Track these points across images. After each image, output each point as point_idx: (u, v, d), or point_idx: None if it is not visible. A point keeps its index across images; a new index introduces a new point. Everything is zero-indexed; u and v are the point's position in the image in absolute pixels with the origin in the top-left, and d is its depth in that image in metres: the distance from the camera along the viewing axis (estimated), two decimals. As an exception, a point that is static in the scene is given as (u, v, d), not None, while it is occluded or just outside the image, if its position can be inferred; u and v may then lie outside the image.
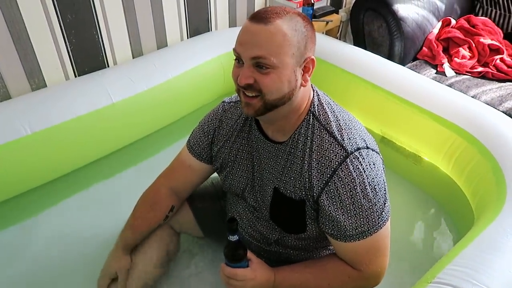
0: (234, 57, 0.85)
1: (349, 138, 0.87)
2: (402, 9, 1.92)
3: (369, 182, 0.86)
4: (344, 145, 0.86)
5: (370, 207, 0.87)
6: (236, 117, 1.02)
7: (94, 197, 1.53)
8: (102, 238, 1.35)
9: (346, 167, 0.85)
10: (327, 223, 0.90)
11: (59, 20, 1.52)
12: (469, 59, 1.92)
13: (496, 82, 1.84)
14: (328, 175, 0.86)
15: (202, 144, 1.06)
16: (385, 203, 0.89)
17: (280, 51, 0.79)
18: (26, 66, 1.51)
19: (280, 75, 0.81)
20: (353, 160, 0.85)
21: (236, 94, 0.92)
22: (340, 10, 2.57)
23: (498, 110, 1.58)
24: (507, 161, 1.30)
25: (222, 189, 1.22)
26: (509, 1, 2.16)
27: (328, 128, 0.88)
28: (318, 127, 0.89)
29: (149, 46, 1.84)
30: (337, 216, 0.87)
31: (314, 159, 0.88)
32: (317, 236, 0.99)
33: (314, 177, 0.88)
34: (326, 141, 0.88)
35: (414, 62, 2.01)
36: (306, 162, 0.89)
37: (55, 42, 1.55)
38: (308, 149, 0.89)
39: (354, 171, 0.85)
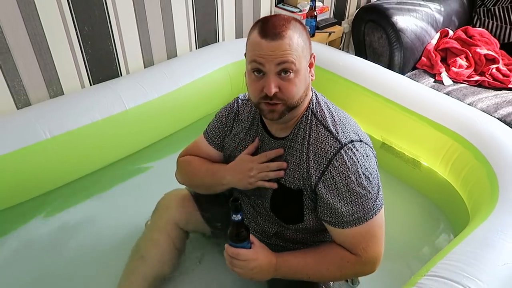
0: (251, 70, 0.91)
1: (343, 132, 0.95)
2: (402, 21, 2.01)
3: (363, 171, 0.93)
4: (338, 137, 0.94)
5: (365, 194, 0.93)
6: (248, 115, 1.10)
7: (108, 199, 1.60)
8: (116, 238, 1.42)
9: (341, 157, 0.93)
10: (325, 211, 0.96)
11: (76, 32, 1.62)
12: (466, 68, 2.00)
13: (492, 90, 1.91)
14: (324, 165, 0.94)
15: (220, 135, 1.15)
16: (378, 192, 0.96)
17: (298, 55, 0.89)
18: (46, 75, 1.61)
19: (300, 77, 0.91)
20: (347, 151, 0.93)
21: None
22: (342, 22, 2.66)
23: (494, 117, 1.65)
24: (501, 166, 1.37)
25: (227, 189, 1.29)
26: (506, 13, 2.24)
27: (324, 123, 0.97)
28: (316, 122, 0.98)
29: (160, 56, 1.93)
30: (334, 203, 0.93)
31: (311, 151, 0.96)
32: (315, 228, 1.05)
33: (312, 167, 0.95)
34: (322, 134, 0.96)
35: (413, 71, 2.09)
36: (304, 154, 0.97)
37: (73, 52, 1.64)
38: (306, 142, 0.97)
39: (348, 161, 0.92)
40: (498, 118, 1.67)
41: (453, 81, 1.98)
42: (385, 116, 1.75)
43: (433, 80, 2.01)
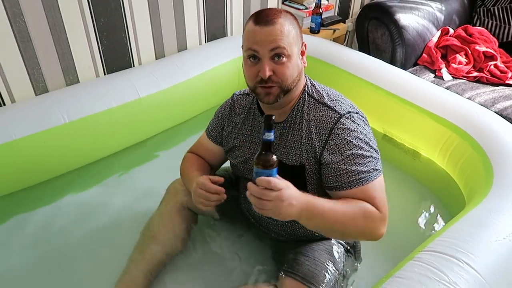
0: (247, 57, 1.00)
1: (341, 105, 1.04)
2: (404, 19, 2.08)
3: (362, 137, 1.00)
4: (336, 109, 1.03)
5: (367, 156, 0.99)
6: (243, 107, 1.18)
7: (120, 184, 1.67)
8: (127, 220, 1.48)
9: (341, 125, 1.00)
10: (330, 177, 1.00)
11: (93, 23, 1.69)
12: (465, 65, 2.07)
13: (490, 86, 1.98)
14: (327, 135, 1.01)
15: (218, 129, 1.23)
16: (378, 157, 1.03)
17: (290, 42, 0.98)
18: (63, 64, 1.69)
19: (292, 62, 0.99)
20: (346, 119, 1.01)
21: (245, 89, 1.11)
22: (347, 20, 2.74)
23: (491, 110, 1.72)
24: (496, 154, 1.44)
25: (235, 176, 1.36)
26: (505, 13, 2.31)
27: (321, 101, 1.05)
28: (313, 102, 1.06)
29: (171, 49, 2.01)
30: (340, 166, 0.99)
31: (312, 126, 1.04)
32: None
33: (315, 140, 1.03)
34: (321, 110, 1.04)
35: (415, 67, 2.17)
36: (304, 131, 1.04)
37: (89, 43, 1.72)
38: (305, 120, 1.05)
39: (349, 127, 1.00)
40: (495, 112, 1.74)
41: (452, 76, 2.06)
42: (387, 109, 1.83)
43: (433, 75, 2.08)
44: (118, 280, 1.19)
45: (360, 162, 0.98)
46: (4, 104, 1.59)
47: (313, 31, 2.34)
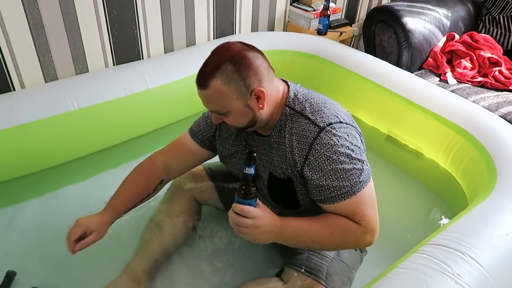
0: None
1: (322, 117, 1.00)
2: (411, 22, 2.11)
3: (344, 150, 0.97)
4: (317, 123, 0.99)
5: (349, 170, 0.97)
6: None
7: (127, 173, 1.68)
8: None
9: (320, 140, 0.98)
10: (314, 191, 1.01)
11: (105, 14, 1.72)
12: (470, 70, 2.10)
13: (494, 91, 2.01)
14: (307, 150, 0.99)
15: (205, 134, 1.20)
16: (363, 167, 1.00)
17: (224, 103, 0.96)
18: (74, 53, 1.71)
19: (236, 115, 0.99)
20: (326, 133, 0.98)
21: None
22: (353, 25, 2.77)
23: (494, 114, 1.74)
24: (499, 155, 1.46)
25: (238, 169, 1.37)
26: (510, 22, 2.34)
27: (303, 113, 1.02)
28: (295, 115, 1.02)
29: (180, 43, 2.03)
30: (321, 182, 0.98)
31: (294, 140, 1.01)
32: (313, 210, 1.08)
33: (296, 154, 1.01)
34: (302, 123, 1.01)
35: (420, 71, 2.19)
36: (287, 145, 1.02)
37: (100, 33, 1.74)
38: (287, 134, 1.02)
39: (328, 142, 0.97)
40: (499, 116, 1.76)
41: (457, 81, 2.08)
42: (391, 110, 1.85)
43: (438, 79, 2.10)
44: (125, 267, 1.20)
45: (341, 176, 0.97)
46: (14, 90, 1.61)
47: (320, 32, 2.37)
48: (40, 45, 1.60)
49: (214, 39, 2.16)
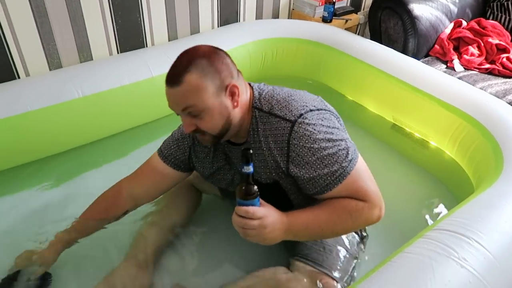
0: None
1: (291, 111, 0.97)
2: (417, 9, 2.08)
3: (322, 136, 0.95)
4: (287, 118, 0.96)
5: (334, 153, 0.94)
6: None
7: (130, 161, 1.66)
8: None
9: (296, 133, 0.95)
10: (308, 186, 0.98)
11: (109, 2, 1.71)
12: (477, 57, 2.07)
13: (502, 78, 1.98)
14: (286, 148, 0.96)
15: (179, 157, 1.15)
16: (347, 145, 0.97)
17: (200, 99, 0.90)
18: (78, 41, 1.71)
19: (212, 114, 0.93)
20: (299, 125, 0.95)
21: None
22: (359, 13, 2.74)
23: (502, 101, 1.72)
24: (506, 141, 1.44)
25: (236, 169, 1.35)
26: (519, 8, 2.31)
27: (272, 111, 0.98)
28: (265, 115, 0.99)
29: (184, 31, 2.02)
30: (311, 175, 0.95)
31: (271, 142, 0.98)
32: (307, 205, 1.06)
33: (277, 155, 0.98)
34: (274, 122, 0.98)
35: (426, 58, 2.17)
36: (265, 148, 0.99)
37: (104, 21, 1.74)
38: (262, 137, 0.99)
39: (305, 133, 0.94)
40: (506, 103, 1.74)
41: (464, 68, 2.05)
42: (397, 97, 1.83)
43: (445, 66, 2.08)
44: (128, 254, 1.20)
45: (329, 162, 0.94)
46: (19, 78, 1.61)
47: (325, 20, 2.35)
48: (44, 33, 1.60)
49: (218, 27, 2.15)
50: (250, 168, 0.84)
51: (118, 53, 1.84)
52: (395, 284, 0.91)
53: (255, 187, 0.87)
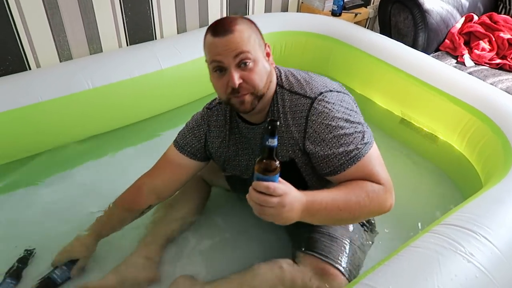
0: (213, 70, 0.96)
1: (311, 89, 1.00)
2: (428, 2, 2.06)
3: (341, 115, 0.97)
4: (307, 95, 0.99)
5: (351, 134, 0.96)
6: (223, 118, 1.13)
7: (139, 152, 1.70)
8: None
9: (315, 110, 0.97)
10: (322, 164, 0.98)
11: (119, -6, 1.72)
12: (488, 52, 2.05)
13: (513, 73, 1.96)
14: (304, 124, 0.98)
15: (195, 145, 1.16)
16: (364, 129, 0.98)
17: (252, 45, 0.94)
18: (88, 33, 1.72)
19: (259, 66, 0.95)
20: (319, 102, 0.97)
21: (214, 98, 1.11)
22: (368, 7, 2.72)
23: (512, 97, 1.70)
24: (516, 136, 1.43)
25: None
26: (532, 2, 2.27)
27: (292, 89, 1.01)
28: (286, 92, 1.02)
29: (192, 24, 2.03)
30: (326, 152, 0.96)
31: (289, 118, 1.00)
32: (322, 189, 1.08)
33: (294, 132, 1.00)
34: (294, 99, 1.00)
35: (436, 53, 2.15)
36: (283, 125, 1.01)
37: (114, 13, 1.75)
38: (282, 113, 1.01)
39: (323, 110, 0.97)
40: (517, 99, 1.72)
41: (475, 63, 2.03)
42: (406, 92, 1.82)
43: (455, 61, 2.06)
44: (137, 245, 1.22)
45: (345, 142, 0.95)
46: (30, 69, 1.63)
47: (335, 13, 2.33)
48: (55, 25, 1.62)
49: (227, 20, 2.15)
50: (274, 141, 0.79)
51: (127, 45, 1.85)
52: (401, 278, 0.91)
53: (277, 162, 0.81)
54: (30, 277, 1.17)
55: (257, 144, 1.08)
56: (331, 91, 1.00)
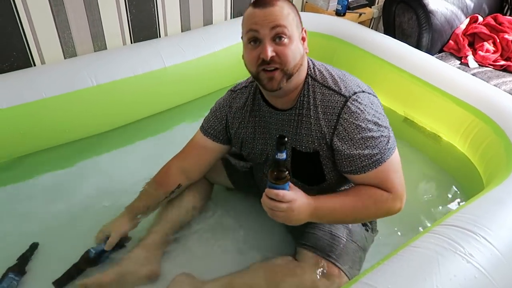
0: (247, 41, 0.96)
1: (345, 87, 1.01)
2: (432, 3, 2.06)
3: (371, 118, 0.99)
4: (342, 92, 1.00)
5: (377, 137, 0.99)
6: (245, 100, 1.15)
7: (142, 150, 1.71)
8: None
9: (348, 109, 0.99)
10: (344, 162, 1.01)
11: (124, -8, 1.73)
12: (492, 53, 2.05)
13: (517, 75, 1.96)
14: (335, 120, 1.00)
15: (217, 128, 1.20)
16: (389, 134, 1.02)
17: (290, 23, 0.95)
18: (93, 30, 1.73)
19: (293, 44, 0.96)
20: (353, 102, 0.99)
21: (239, 82, 1.12)
22: (373, 7, 2.71)
23: (516, 99, 1.70)
24: (519, 139, 1.43)
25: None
26: (537, 4, 2.27)
27: (326, 84, 1.02)
28: (318, 85, 1.03)
29: (197, 22, 2.03)
30: (351, 152, 0.99)
31: (320, 112, 1.02)
32: (337, 185, 1.12)
33: (324, 126, 1.01)
34: (327, 94, 1.02)
35: (440, 54, 2.15)
36: (313, 117, 1.02)
37: (118, 11, 1.75)
38: (312, 106, 1.02)
39: (356, 111, 0.98)
40: (520, 101, 1.72)
41: (479, 64, 2.03)
42: (410, 92, 1.82)
43: (459, 62, 2.06)
44: (139, 242, 1.23)
45: (371, 144, 0.98)
46: (35, 65, 1.64)
47: (339, 13, 2.33)
48: (60, 22, 1.63)
49: (231, 18, 2.16)
50: (283, 155, 0.88)
51: (131, 42, 1.86)
52: (400, 277, 0.92)
53: (287, 172, 0.91)
54: (34, 272, 1.18)
55: (277, 131, 1.09)
56: (363, 91, 1.02)
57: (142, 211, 1.24)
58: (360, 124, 0.98)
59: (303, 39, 1.01)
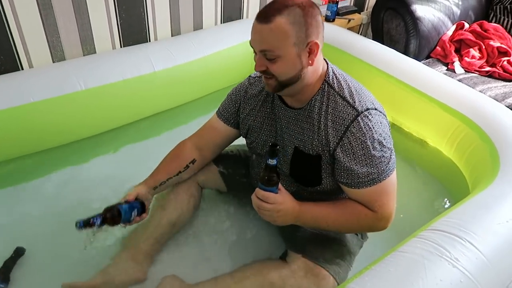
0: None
1: (360, 101, 1.02)
2: (420, 10, 2.09)
3: (377, 137, 1.00)
4: (355, 106, 1.01)
5: (379, 157, 1.01)
6: (260, 89, 1.17)
7: (132, 154, 1.70)
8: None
9: (358, 124, 1.00)
10: (342, 173, 1.04)
11: (113, -4, 1.72)
12: (478, 59, 2.09)
13: (502, 81, 2.00)
14: (342, 132, 1.01)
15: (230, 110, 1.23)
16: (391, 156, 1.04)
17: (281, 44, 0.93)
18: (82, 34, 1.72)
19: (285, 62, 0.95)
20: (363, 118, 1.00)
21: None
22: (362, 13, 2.75)
23: (501, 104, 1.73)
24: (503, 145, 1.45)
25: (246, 154, 1.39)
26: (521, 12, 2.31)
27: (341, 94, 1.03)
28: (333, 93, 1.04)
29: (187, 27, 2.03)
30: (351, 166, 1.01)
31: (329, 120, 1.03)
32: (331, 190, 1.13)
33: (330, 134, 1.03)
34: (340, 104, 1.02)
35: (427, 60, 2.18)
36: (322, 122, 1.04)
37: (108, 15, 1.75)
38: (323, 111, 1.04)
39: (364, 127, 1.00)
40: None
41: (465, 70, 2.07)
42: (397, 98, 1.84)
43: (445, 68, 2.09)
44: (124, 245, 1.23)
45: (371, 163, 1.00)
46: (22, 69, 1.63)
47: (328, 19, 2.36)
48: (49, 26, 1.61)
49: (221, 23, 2.16)
50: (274, 162, 0.94)
51: (121, 47, 1.85)
52: (387, 282, 0.93)
53: (276, 176, 0.97)
54: (19, 280, 1.16)
55: (284, 126, 1.11)
56: (375, 109, 1.03)
57: (156, 184, 1.21)
58: (365, 141, 1.00)
59: (310, 51, 0.97)
